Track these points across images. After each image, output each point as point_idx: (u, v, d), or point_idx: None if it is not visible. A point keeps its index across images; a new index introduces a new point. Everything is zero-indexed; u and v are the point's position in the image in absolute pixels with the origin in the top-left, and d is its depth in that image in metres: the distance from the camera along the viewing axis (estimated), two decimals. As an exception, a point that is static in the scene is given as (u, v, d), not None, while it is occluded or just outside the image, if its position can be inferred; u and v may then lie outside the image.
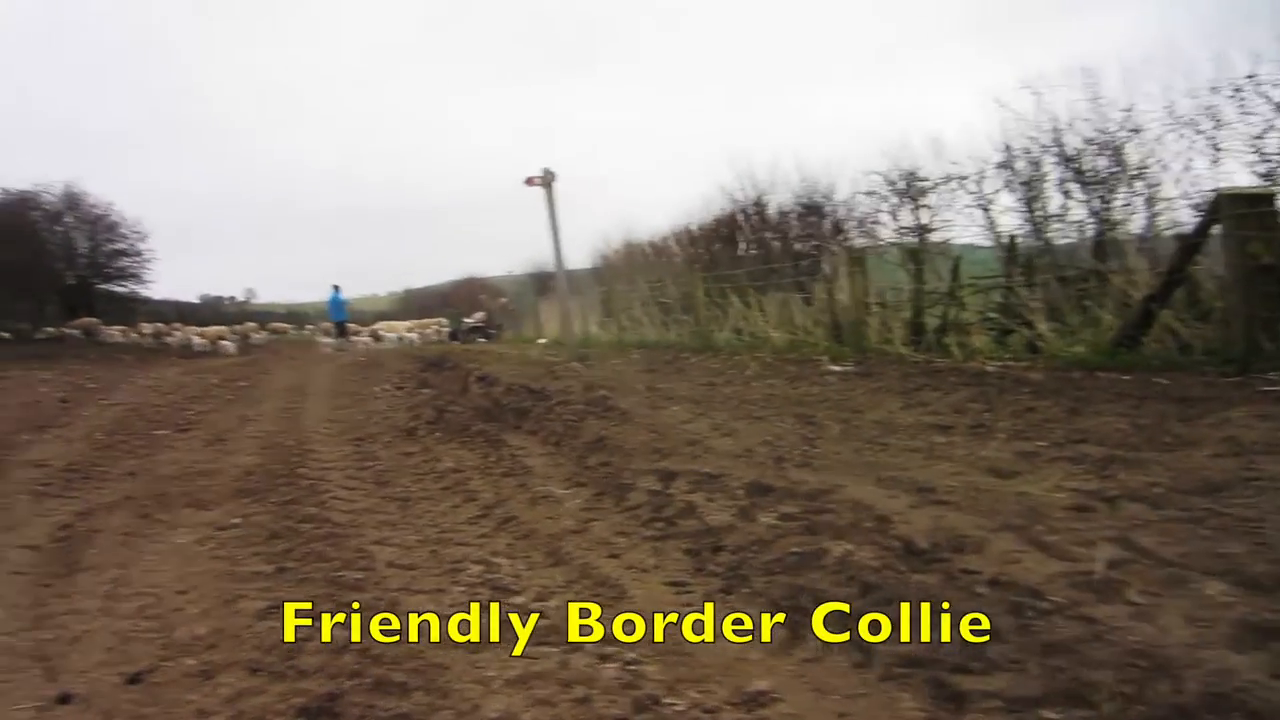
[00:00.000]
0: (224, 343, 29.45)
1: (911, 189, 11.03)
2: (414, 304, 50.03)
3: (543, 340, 17.87)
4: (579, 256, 26.21)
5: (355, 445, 7.08)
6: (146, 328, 33.52)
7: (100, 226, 36.06)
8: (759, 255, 12.13)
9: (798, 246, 11.85)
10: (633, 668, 2.80)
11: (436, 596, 3.56)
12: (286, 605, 3.47)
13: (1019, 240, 10.31)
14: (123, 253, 37.01)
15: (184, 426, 8.37)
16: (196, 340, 29.73)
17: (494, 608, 3.40)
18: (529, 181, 11.22)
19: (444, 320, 31.63)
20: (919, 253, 10.03)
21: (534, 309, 23.46)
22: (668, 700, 2.57)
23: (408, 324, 33.02)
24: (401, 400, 9.75)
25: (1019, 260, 9.69)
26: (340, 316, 27.09)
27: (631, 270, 15.19)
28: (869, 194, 11.23)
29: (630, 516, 4.56)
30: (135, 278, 37.89)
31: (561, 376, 9.11)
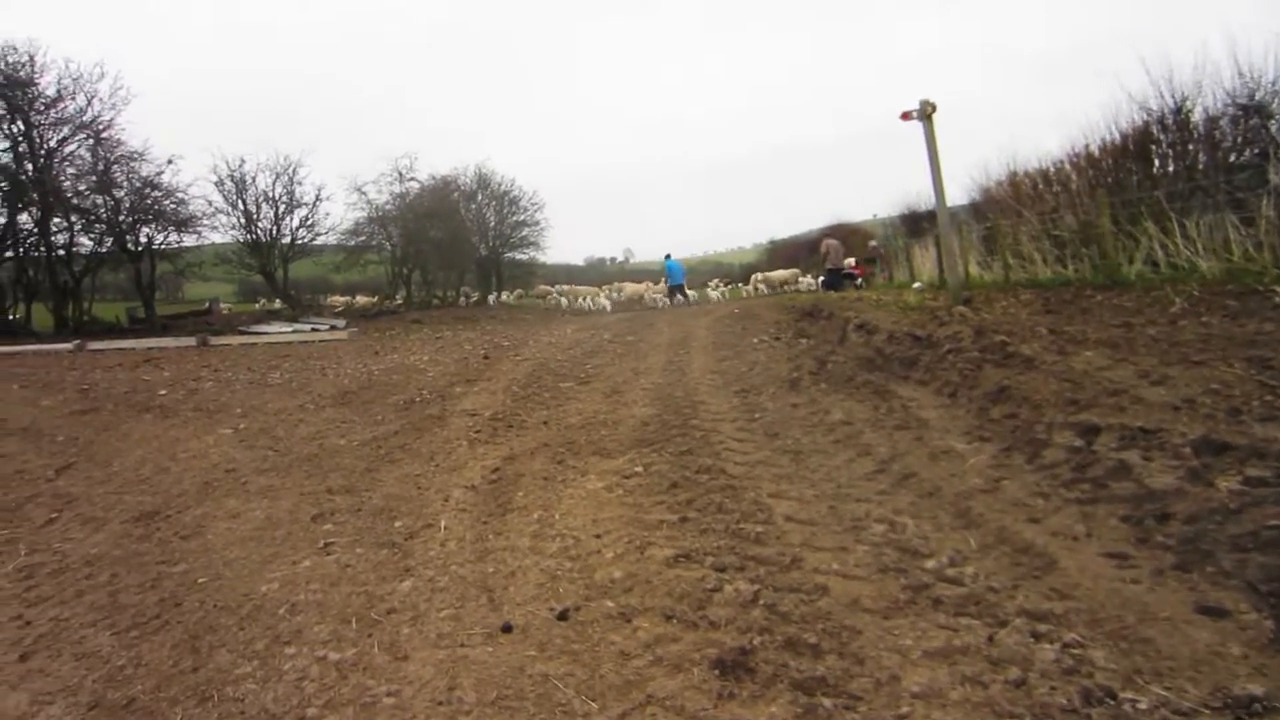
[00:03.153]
0: (605, 301, 32.27)
1: None
2: (779, 254, 50.34)
3: (917, 284, 17.00)
4: (953, 192, 24.61)
5: (741, 397, 7.17)
6: (543, 289, 37.53)
7: (505, 202, 40.75)
8: (1179, 172, 10.39)
9: (1233, 158, 9.95)
10: (1075, 651, 2.48)
11: (840, 555, 3.44)
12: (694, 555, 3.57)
13: None
14: (524, 224, 41.57)
15: (584, 379, 9.03)
16: (585, 300, 32.55)
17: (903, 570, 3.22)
18: (904, 116, 10.47)
19: (797, 270, 32.08)
20: None
21: (905, 251, 22.34)
22: (1126, 695, 2.23)
23: (761, 276, 34.17)
24: (780, 351, 9.73)
25: None
26: (677, 281, 29.54)
27: (1018, 202, 13.81)
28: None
29: (1047, 476, 4.11)
30: (534, 245, 42.40)
31: (947, 322, 8.51)
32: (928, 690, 2.37)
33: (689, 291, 30.67)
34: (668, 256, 30.48)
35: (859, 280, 24.85)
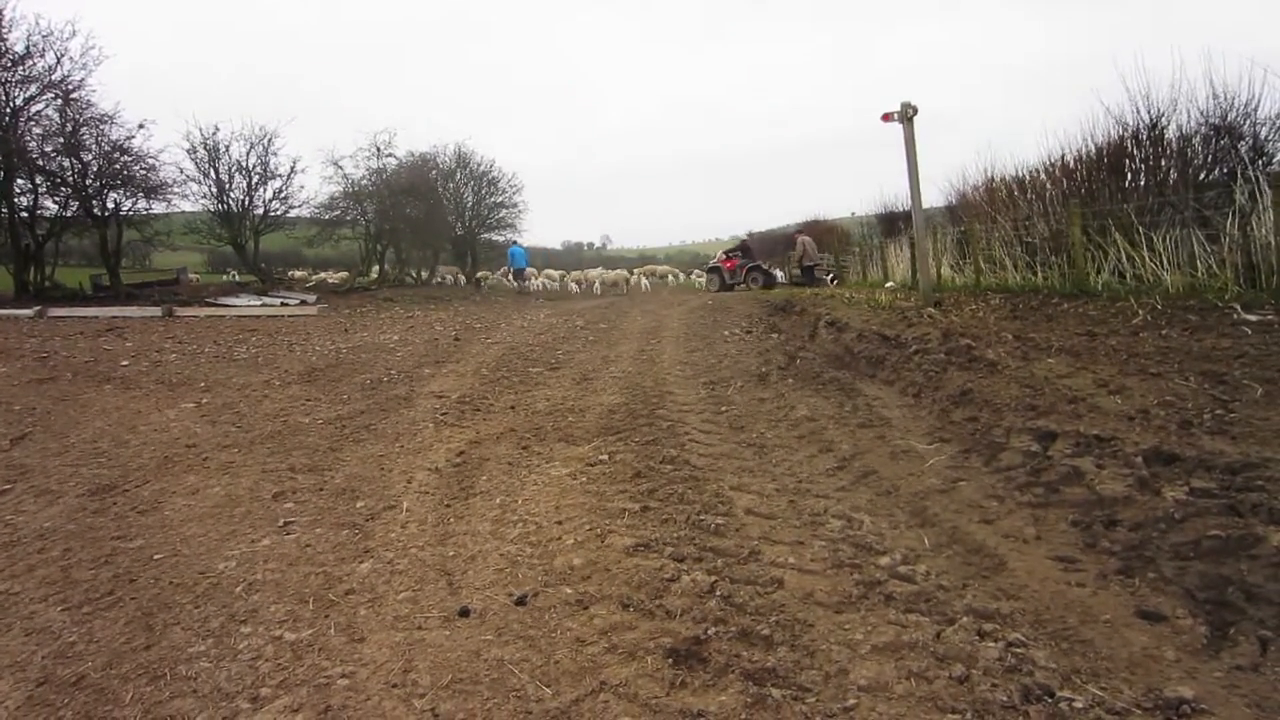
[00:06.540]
0: (575, 286, 33.05)
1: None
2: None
3: (890, 284, 17.16)
4: (930, 194, 24.84)
5: (709, 389, 7.22)
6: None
7: (484, 182, 40.51)
8: (1150, 186, 10.56)
9: (1202, 176, 10.11)
10: (1018, 650, 2.55)
11: (797, 549, 3.49)
12: (653, 545, 3.61)
13: None
14: (501, 205, 41.34)
15: (554, 365, 9.05)
16: (568, 284, 33.05)
17: (858, 566, 3.27)
18: (885, 117, 10.55)
19: (623, 272, 33.98)
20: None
21: (880, 251, 22.46)
22: (1063, 694, 2.30)
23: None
24: (751, 345, 9.80)
25: None
26: (519, 265, 32.12)
27: (992, 207, 13.95)
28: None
29: (1003, 479, 4.19)
30: (511, 227, 42.17)
31: (916, 323, 8.61)
32: (874, 684, 2.42)
33: (529, 279, 33.37)
34: (513, 243, 33.79)
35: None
